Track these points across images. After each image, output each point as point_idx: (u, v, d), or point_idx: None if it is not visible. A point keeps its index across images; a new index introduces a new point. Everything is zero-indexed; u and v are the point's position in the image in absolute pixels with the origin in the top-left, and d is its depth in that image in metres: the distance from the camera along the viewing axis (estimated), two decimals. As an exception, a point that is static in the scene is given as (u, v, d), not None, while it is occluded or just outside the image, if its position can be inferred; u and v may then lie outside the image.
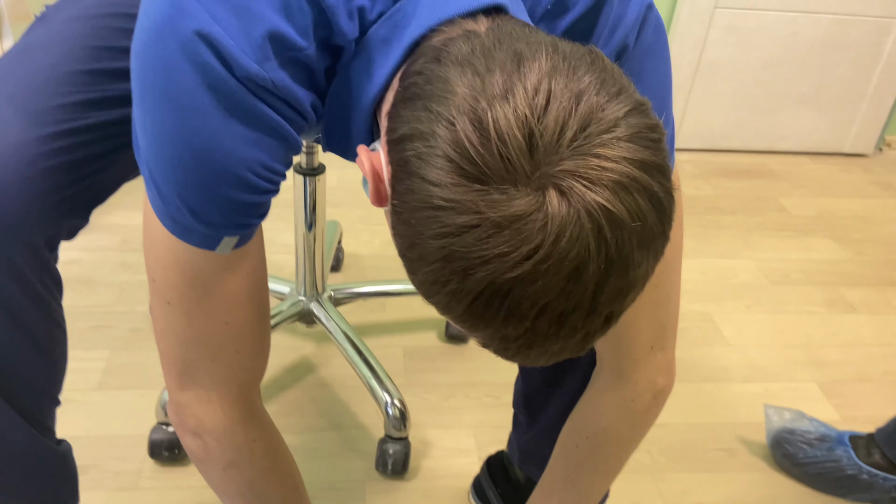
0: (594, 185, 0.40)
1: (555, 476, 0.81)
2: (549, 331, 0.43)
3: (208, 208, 0.53)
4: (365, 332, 1.41)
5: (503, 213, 0.40)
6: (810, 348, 1.48)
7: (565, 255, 0.41)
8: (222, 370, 0.63)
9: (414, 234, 0.44)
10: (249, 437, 0.67)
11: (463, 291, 0.42)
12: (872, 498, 1.15)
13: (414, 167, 0.43)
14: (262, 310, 0.64)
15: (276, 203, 1.79)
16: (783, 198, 2.02)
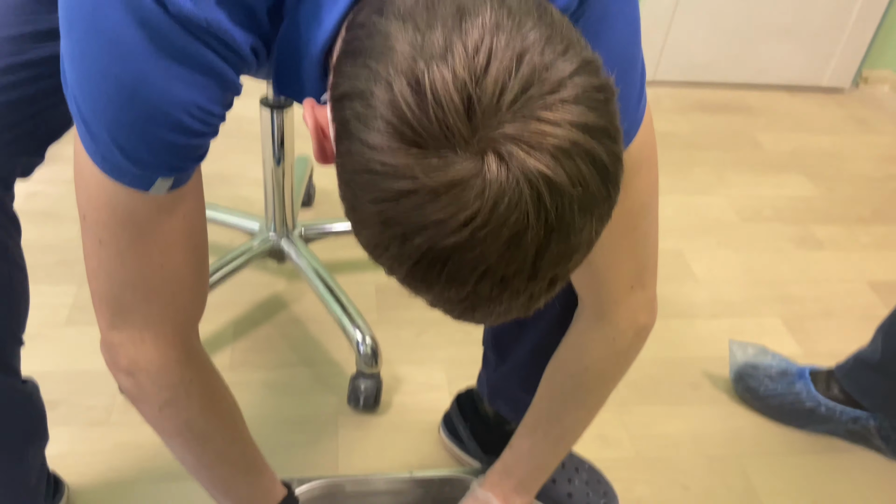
0: (534, 151, 0.39)
1: (540, 412, 0.83)
2: (492, 294, 0.43)
3: (139, 149, 0.51)
4: (337, 269, 1.40)
5: (440, 179, 0.39)
6: (777, 284, 1.51)
7: (503, 222, 0.40)
8: (156, 311, 0.62)
9: (354, 198, 0.43)
10: (185, 377, 0.66)
11: (403, 256, 0.42)
12: (828, 429, 1.19)
13: (353, 129, 0.42)
14: (199, 253, 0.63)
15: (245, 135, 1.75)
16: (760, 133, 2.01)
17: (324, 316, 1.25)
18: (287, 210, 1.26)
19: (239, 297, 1.34)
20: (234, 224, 1.35)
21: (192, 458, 0.73)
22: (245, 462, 0.77)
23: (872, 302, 1.48)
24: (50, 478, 0.93)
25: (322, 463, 1.08)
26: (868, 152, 1.98)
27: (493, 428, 1.04)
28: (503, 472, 0.86)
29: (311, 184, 1.56)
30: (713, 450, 1.16)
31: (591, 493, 1.01)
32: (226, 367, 1.21)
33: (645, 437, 1.17)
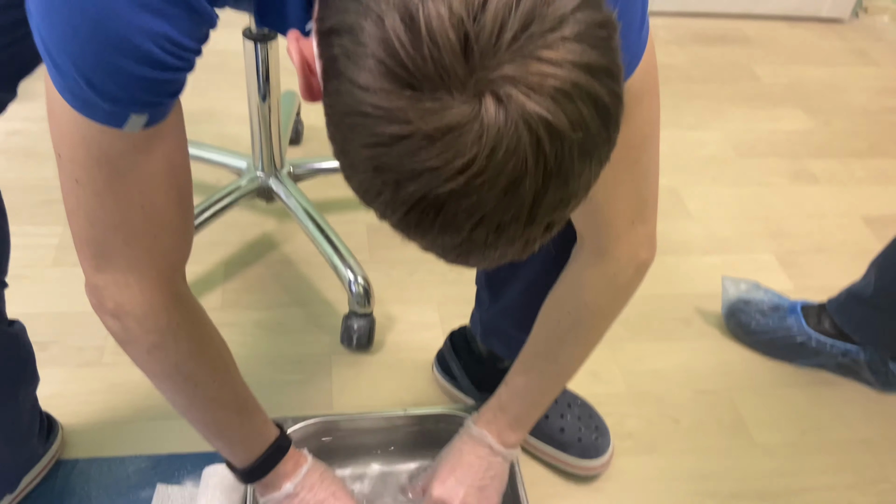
0: (534, 93, 0.37)
1: (536, 350, 0.83)
2: (487, 241, 0.41)
3: (108, 83, 0.48)
4: (327, 209, 1.38)
5: (435, 124, 0.37)
6: (771, 220, 1.50)
7: (501, 169, 0.38)
8: (140, 254, 0.60)
9: (344, 140, 0.41)
10: (172, 321, 0.65)
11: (396, 203, 0.41)
12: (818, 363, 1.20)
13: (342, 67, 0.39)
14: (182, 194, 0.61)
15: (229, 70, 1.70)
16: (757, 66, 1.97)
17: (315, 256, 1.23)
18: (274, 148, 1.23)
19: (228, 237, 1.32)
20: (220, 162, 1.32)
21: (183, 400, 0.73)
22: (236, 404, 0.76)
23: (866, 237, 1.48)
24: (43, 418, 0.93)
25: (316, 402, 1.09)
26: (866, 84, 1.95)
27: (486, 365, 1.04)
28: (498, 409, 0.86)
29: (299, 120, 1.53)
30: (703, 384, 1.17)
31: (583, 427, 1.02)
32: (217, 308, 1.20)
33: (637, 373, 1.18)
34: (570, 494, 1.01)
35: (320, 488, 0.83)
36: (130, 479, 0.96)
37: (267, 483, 0.81)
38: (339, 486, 0.86)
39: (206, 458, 0.97)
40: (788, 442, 1.11)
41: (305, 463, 0.83)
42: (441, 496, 0.87)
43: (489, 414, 0.87)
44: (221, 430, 0.77)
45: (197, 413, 0.75)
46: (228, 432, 0.77)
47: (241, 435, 0.78)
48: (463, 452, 0.87)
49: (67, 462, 0.97)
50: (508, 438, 0.86)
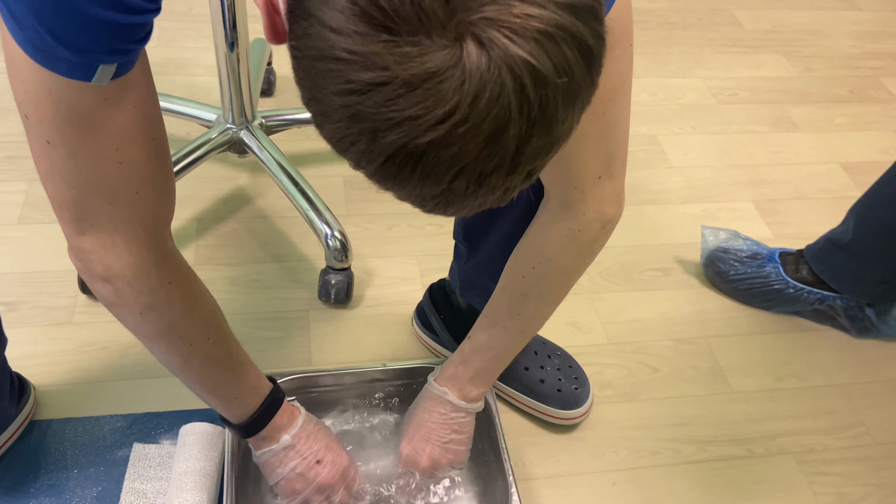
0: (517, 36, 0.35)
1: (500, 304, 0.82)
2: (468, 191, 0.40)
3: (73, 31, 0.45)
4: (302, 162, 1.35)
5: (415, 70, 0.35)
6: (750, 168, 1.49)
7: (484, 118, 0.37)
8: (124, 213, 0.58)
9: (315, 87, 0.38)
10: (164, 279, 0.64)
11: (372, 153, 0.39)
12: (795, 310, 1.21)
13: (311, 7, 0.37)
14: (158, 145, 0.58)
15: (196, 17, 1.64)
16: (738, 11, 1.94)
17: (290, 210, 1.21)
18: (245, 99, 1.19)
19: (200, 191, 1.29)
20: (189, 114, 1.28)
21: (178, 360, 0.71)
22: (230, 360, 0.75)
23: (845, 183, 1.48)
24: (14, 379, 0.91)
25: (295, 357, 1.08)
26: (849, 29, 1.93)
27: (465, 318, 1.03)
28: (460, 363, 0.86)
29: (270, 70, 1.48)
30: (682, 333, 1.18)
31: (563, 378, 1.02)
32: (191, 264, 1.17)
33: (616, 323, 1.18)
34: (551, 444, 1.02)
35: (315, 439, 0.83)
36: (106, 439, 0.95)
37: (264, 436, 0.81)
38: (331, 437, 0.86)
39: (183, 416, 0.96)
40: (765, 388, 1.12)
41: (300, 415, 0.83)
42: (409, 455, 0.87)
43: (451, 369, 0.86)
44: (217, 387, 0.76)
45: (192, 372, 0.73)
46: (224, 389, 0.77)
47: (237, 391, 0.77)
48: (426, 410, 0.87)
49: (41, 423, 0.95)
50: (470, 393, 0.86)
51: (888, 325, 1.18)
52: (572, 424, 1.03)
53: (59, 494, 0.89)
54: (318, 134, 0.42)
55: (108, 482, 0.91)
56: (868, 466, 1.04)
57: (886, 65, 1.82)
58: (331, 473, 0.83)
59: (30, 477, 0.90)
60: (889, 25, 1.97)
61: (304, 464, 0.81)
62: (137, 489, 0.90)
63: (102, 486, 0.90)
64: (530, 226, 0.77)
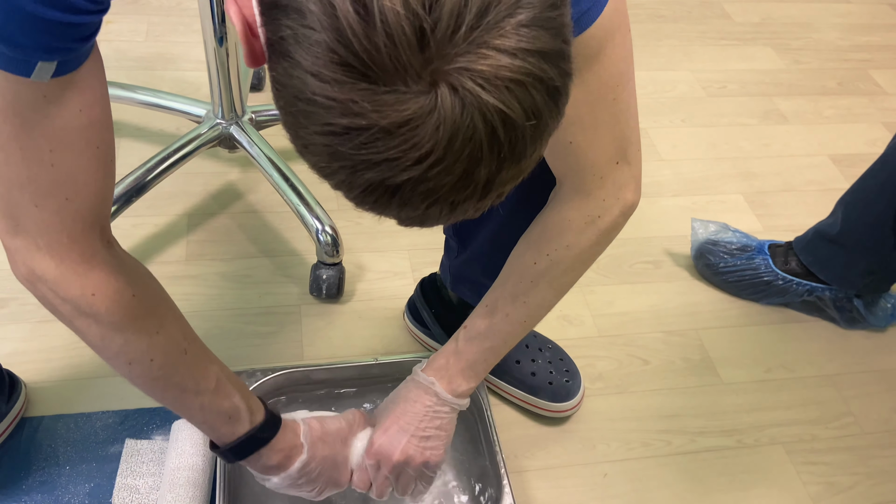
0: (488, 84, 0.38)
1: (504, 292, 0.78)
2: (441, 214, 0.43)
3: (7, 25, 0.44)
4: (293, 157, 1.33)
5: (393, 118, 0.38)
6: (740, 160, 1.50)
7: (457, 158, 0.39)
8: (49, 218, 0.55)
9: (296, 123, 0.41)
10: (86, 289, 0.59)
11: (352, 184, 0.41)
12: (785, 301, 1.22)
13: (290, 50, 0.38)
14: (101, 153, 0.56)
15: (185, 12, 1.63)
16: (727, 3, 1.94)
17: (281, 205, 1.21)
18: (234, 94, 1.18)
19: (190, 187, 1.28)
20: (179, 109, 1.27)
21: (124, 374, 0.65)
22: (191, 383, 0.68)
23: (833, 175, 1.49)
24: (4, 376, 0.91)
25: (286, 353, 1.08)
26: (837, 21, 1.94)
27: (456, 313, 1.04)
28: (453, 354, 0.80)
29: (260, 65, 1.47)
30: (672, 325, 1.19)
31: (554, 371, 1.03)
32: (181, 261, 1.17)
33: (607, 316, 1.19)
34: (543, 437, 1.02)
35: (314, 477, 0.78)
36: (98, 435, 0.95)
37: (253, 468, 0.76)
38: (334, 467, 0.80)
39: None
40: (754, 379, 1.13)
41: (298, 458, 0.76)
42: (382, 445, 0.79)
43: (442, 359, 0.81)
44: (178, 409, 0.70)
45: (144, 390, 0.67)
46: (185, 413, 0.70)
47: (202, 417, 0.70)
48: (408, 400, 0.80)
49: (32, 420, 0.95)
50: (459, 386, 0.80)
51: (876, 315, 1.19)
52: (564, 417, 1.04)
53: (52, 491, 0.89)
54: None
55: (100, 478, 0.91)
56: (856, 456, 1.05)
57: (875, 57, 1.83)
58: (324, 495, 0.81)
59: (21, 474, 0.90)
60: (877, 18, 1.98)
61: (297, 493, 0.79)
62: (130, 485, 0.90)
63: (95, 482, 0.90)
64: (544, 214, 0.74)
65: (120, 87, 1.30)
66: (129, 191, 1.11)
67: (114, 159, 0.59)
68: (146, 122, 1.37)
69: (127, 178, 1.12)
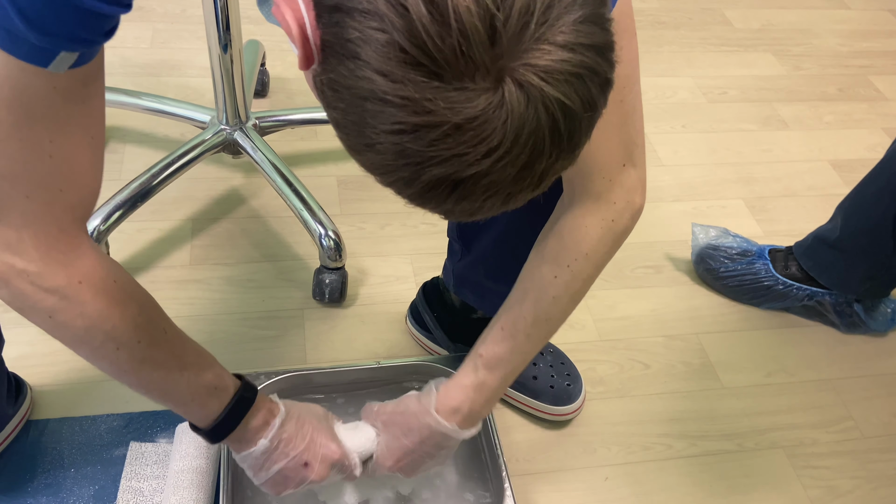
0: (551, 77, 0.40)
1: (523, 311, 0.74)
2: (495, 206, 0.45)
3: (45, 13, 0.45)
4: (296, 162, 1.36)
5: (465, 114, 0.39)
6: (740, 166, 1.51)
7: (521, 151, 0.41)
8: (39, 209, 0.55)
9: (361, 122, 0.42)
10: (73, 278, 0.58)
11: (415, 181, 0.42)
12: (785, 306, 1.22)
13: (359, 51, 0.39)
14: (95, 145, 0.57)
15: (189, 19, 1.64)
16: (728, 10, 1.95)
17: (284, 210, 1.22)
18: (239, 100, 1.20)
19: (194, 192, 1.29)
20: (183, 116, 1.29)
21: (107, 365, 0.65)
22: (175, 361, 0.68)
23: (833, 181, 1.50)
24: (11, 379, 0.92)
25: (290, 356, 1.09)
26: (837, 28, 1.95)
27: (459, 316, 1.05)
28: (475, 389, 0.76)
29: (264, 71, 1.49)
30: (673, 329, 1.19)
31: (556, 374, 1.04)
32: (185, 265, 1.18)
33: (608, 320, 1.19)
34: (544, 440, 1.03)
35: (299, 438, 0.76)
36: (103, 438, 0.95)
37: (239, 439, 0.74)
38: (319, 430, 0.78)
39: (178, 414, 0.97)
40: (755, 383, 1.14)
41: (278, 413, 0.75)
42: (394, 470, 0.81)
43: (461, 395, 0.77)
44: (165, 392, 0.70)
45: (129, 377, 0.67)
46: (174, 393, 0.70)
47: (190, 394, 0.70)
48: (424, 442, 0.78)
49: (38, 422, 0.96)
50: (480, 416, 0.78)
51: (876, 320, 1.19)
52: (565, 420, 1.04)
53: (57, 493, 0.90)
54: (352, 156, 0.45)
55: (105, 481, 0.91)
56: (856, 460, 1.06)
57: (875, 63, 1.84)
58: (320, 473, 0.77)
59: (27, 476, 0.91)
60: (877, 24, 1.99)
61: (289, 465, 0.75)
62: (134, 487, 0.91)
63: (99, 484, 0.91)
64: (555, 224, 0.73)
65: (125, 93, 1.31)
66: (134, 196, 1.12)
67: (103, 151, 0.59)
68: (151, 128, 1.39)
69: (132, 183, 1.13)
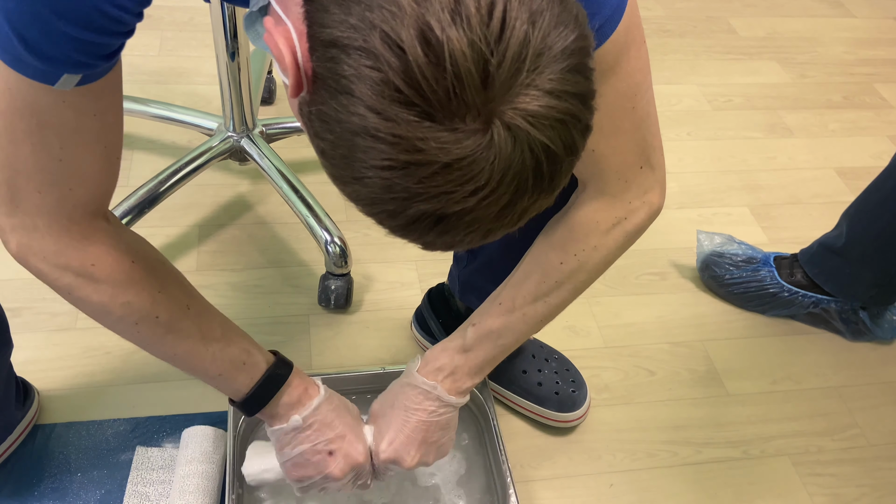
0: (539, 122, 0.41)
1: (524, 291, 0.76)
2: (475, 240, 0.46)
3: (42, 41, 0.47)
4: (302, 169, 1.36)
5: (454, 154, 0.40)
6: (745, 173, 1.51)
7: (506, 190, 0.42)
8: (50, 203, 0.59)
9: (350, 156, 0.42)
10: (86, 261, 0.62)
11: (400, 215, 0.43)
12: (790, 313, 1.22)
13: (351, 86, 0.40)
14: (109, 153, 0.59)
15: (198, 27, 1.66)
16: (733, 18, 1.96)
17: (290, 217, 1.22)
18: (246, 107, 1.20)
19: (201, 199, 1.30)
20: (191, 123, 1.30)
21: (133, 338, 0.68)
22: (199, 334, 0.70)
23: (839, 188, 1.50)
24: (19, 384, 0.93)
25: (295, 362, 1.07)
26: (842, 36, 1.95)
27: (464, 322, 1.05)
28: (459, 352, 0.78)
29: (271, 79, 1.50)
30: (678, 336, 1.19)
31: (561, 381, 1.04)
32: (192, 271, 1.19)
33: (613, 327, 1.19)
34: (549, 447, 1.03)
35: (332, 426, 0.75)
36: (110, 443, 0.96)
37: (272, 414, 0.75)
38: (353, 426, 0.78)
39: (185, 419, 0.97)
40: (760, 391, 1.13)
41: (317, 395, 0.76)
42: (391, 456, 0.79)
43: (445, 358, 0.78)
44: (191, 366, 0.71)
45: (154, 349, 0.69)
46: (199, 367, 0.71)
47: (216, 368, 0.71)
48: (410, 409, 0.78)
49: (45, 427, 0.96)
50: (464, 385, 0.78)
51: (881, 327, 1.19)
52: (570, 427, 1.04)
53: (63, 497, 0.90)
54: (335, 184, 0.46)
55: (111, 485, 0.92)
56: (862, 467, 1.05)
57: (880, 71, 1.84)
58: (340, 468, 0.76)
59: (34, 480, 0.91)
60: (882, 32, 1.99)
61: (313, 450, 0.75)
62: (140, 492, 0.91)
63: (106, 489, 0.92)
64: (567, 214, 0.74)
65: (133, 100, 1.32)
66: (141, 202, 1.13)
67: (119, 157, 0.62)
68: (159, 134, 1.40)
69: (140, 189, 1.14)
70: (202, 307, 0.72)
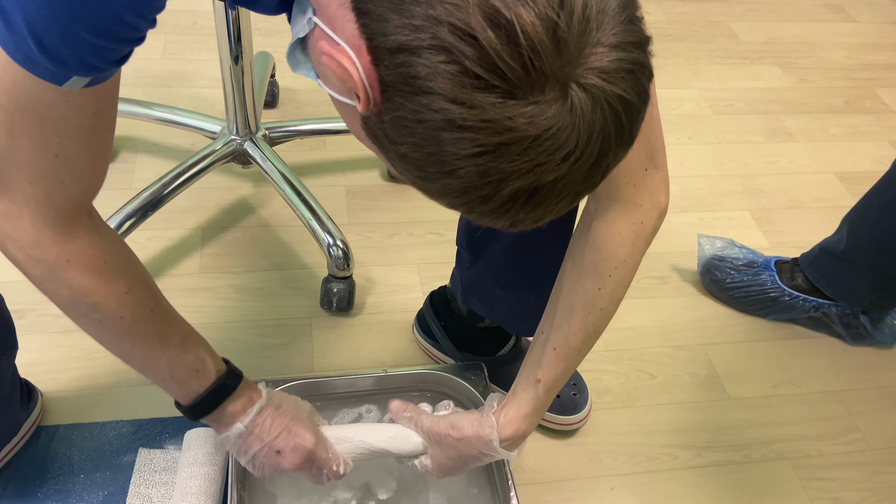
0: (611, 77, 0.42)
1: (573, 328, 0.75)
2: (563, 207, 0.46)
3: (58, 44, 0.48)
4: (305, 172, 1.37)
5: (541, 126, 0.41)
6: (746, 177, 1.51)
7: (594, 150, 0.44)
8: (40, 194, 0.59)
9: (437, 152, 0.43)
10: (61, 257, 0.62)
11: (494, 199, 0.44)
12: (791, 317, 1.23)
13: (428, 84, 0.41)
14: (102, 150, 0.61)
15: (201, 31, 1.67)
16: (735, 23, 1.96)
17: (293, 220, 1.23)
18: (249, 111, 1.21)
19: (204, 201, 1.31)
20: (194, 126, 1.30)
21: (92, 333, 0.69)
22: (158, 341, 0.71)
23: (840, 193, 1.50)
24: (23, 385, 0.93)
25: (297, 364, 1.09)
26: (844, 41, 1.95)
27: (466, 325, 1.05)
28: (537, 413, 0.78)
29: (274, 82, 1.50)
30: (679, 340, 1.20)
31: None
32: (194, 273, 1.19)
33: (614, 330, 1.18)
34: (550, 449, 1.03)
35: (275, 425, 0.78)
36: (112, 444, 0.96)
37: (217, 420, 0.77)
38: (296, 420, 0.79)
39: (187, 421, 0.97)
40: (761, 394, 1.14)
41: (259, 400, 0.77)
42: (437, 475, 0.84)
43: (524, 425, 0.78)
44: (145, 367, 0.72)
45: (113, 347, 0.71)
46: (153, 369, 0.72)
47: (169, 372, 0.73)
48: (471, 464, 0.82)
49: (48, 428, 0.97)
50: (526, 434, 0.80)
51: (882, 332, 1.19)
52: (571, 430, 1.05)
53: (66, 499, 0.91)
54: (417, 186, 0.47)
55: (114, 487, 0.92)
56: (863, 472, 1.06)
57: (881, 76, 1.84)
58: (291, 461, 0.78)
59: (37, 482, 0.92)
60: (883, 37, 1.99)
61: (264, 451, 0.77)
62: (143, 494, 0.91)
63: (108, 490, 0.92)
64: (588, 235, 0.73)
65: (137, 103, 1.33)
66: (145, 205, 1.13)
67: (111, 149, 0.63)
68: (162, 137, 1.40)
69: (143, 192, 1.14)
70: (165, 312, 0.73)
